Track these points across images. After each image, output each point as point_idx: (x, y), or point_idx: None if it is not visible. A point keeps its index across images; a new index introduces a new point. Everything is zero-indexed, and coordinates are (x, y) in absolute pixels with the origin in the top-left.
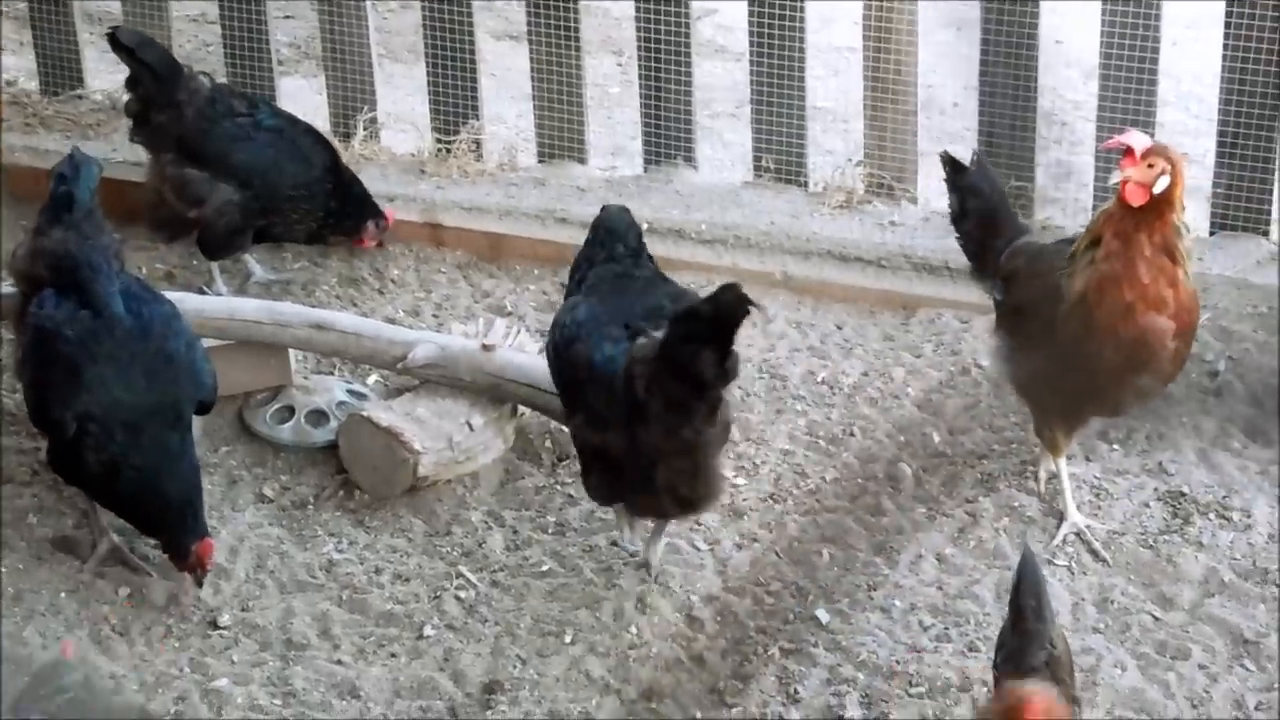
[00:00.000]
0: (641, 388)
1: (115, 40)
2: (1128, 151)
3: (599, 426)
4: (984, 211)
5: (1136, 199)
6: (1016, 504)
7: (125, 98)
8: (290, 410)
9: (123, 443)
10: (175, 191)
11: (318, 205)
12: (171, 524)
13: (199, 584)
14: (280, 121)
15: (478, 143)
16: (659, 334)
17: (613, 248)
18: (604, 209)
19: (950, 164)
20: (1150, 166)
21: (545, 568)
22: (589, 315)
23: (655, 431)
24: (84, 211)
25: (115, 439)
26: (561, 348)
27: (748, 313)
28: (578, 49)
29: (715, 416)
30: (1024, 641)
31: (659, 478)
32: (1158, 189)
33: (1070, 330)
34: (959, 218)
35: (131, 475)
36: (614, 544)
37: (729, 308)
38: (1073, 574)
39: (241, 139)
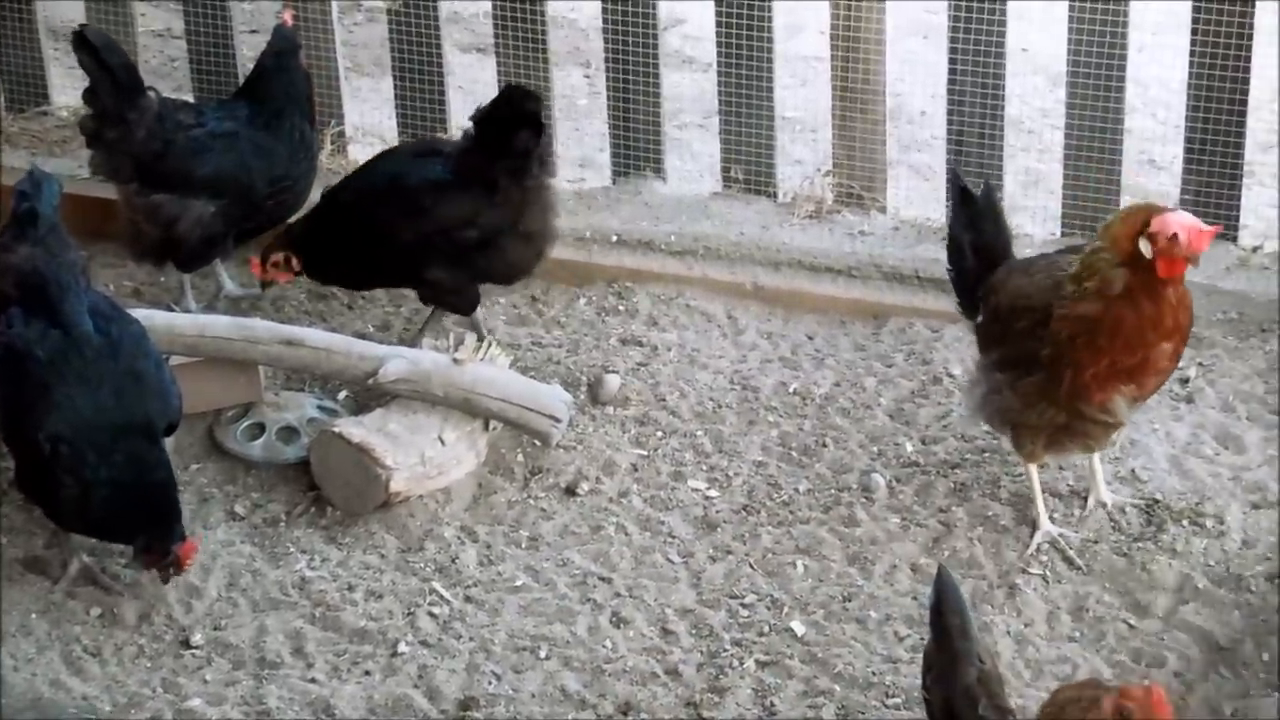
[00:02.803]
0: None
1: (81, 39)
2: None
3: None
4: (982, 249)
5: (1174, 272)
6: (990, 513)
7: (82, 114)
8: (261, 427)
9: (94, 463)
10: (148, 219)
11: (299, 189)
12: (150, 523)
13: (165, 580)
14: (232, 124)
15: None
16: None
17: None
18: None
19: (959, 190)
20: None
21: (519, 583)
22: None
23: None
24: (48, 226)
25: (87, 460)
26: (370, 202)
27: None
28: (545, 61)
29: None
30: (952, 660)
31: (525, 223)
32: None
33: (1069, 351)
34: (955, 250)
35: (104, 493)
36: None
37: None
38: (1047, 583)
39: (199, 152)
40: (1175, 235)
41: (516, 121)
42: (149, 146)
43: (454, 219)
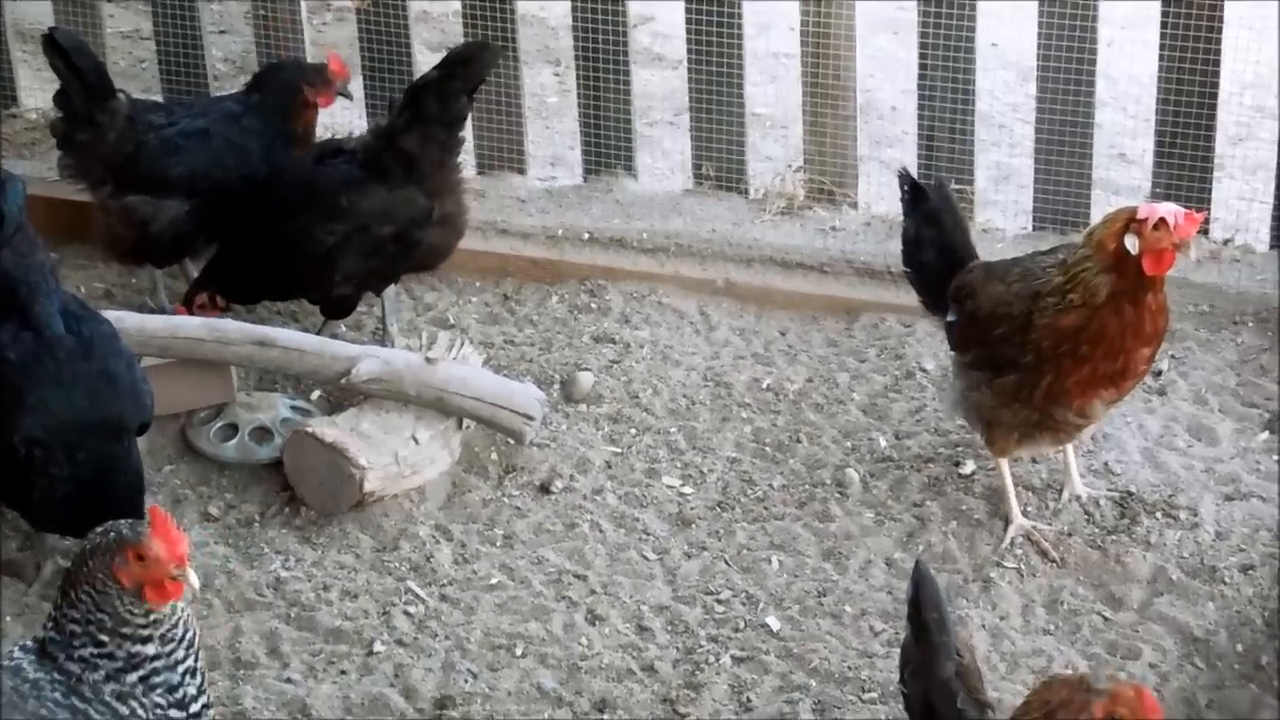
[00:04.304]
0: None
1: (52, 41)
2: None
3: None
4: (942, 243)
5: (1161, 268)
6: (964, 507)
7: (53, 115)
8: (234, 427)
9: (69, 464)
10: (123, 222)
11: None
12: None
13: None
14: (203, 121)
15: None
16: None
17: None
18: None
19: (911, 187)
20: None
21: (494, 581)
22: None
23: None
24: (14, 226)
25: (61, 462)
26: (286, 215)
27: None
28: (515, 59)
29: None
30: (930, 655)
31: (443, 206)
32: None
33: (1051, 359)
34: (914, 247)
35: (79, 491)
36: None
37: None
38: (1022, 576)
39: (171, 152)
40: (1163, 220)
41: (465, 85)
42: (120, 149)
43: (373, 213)
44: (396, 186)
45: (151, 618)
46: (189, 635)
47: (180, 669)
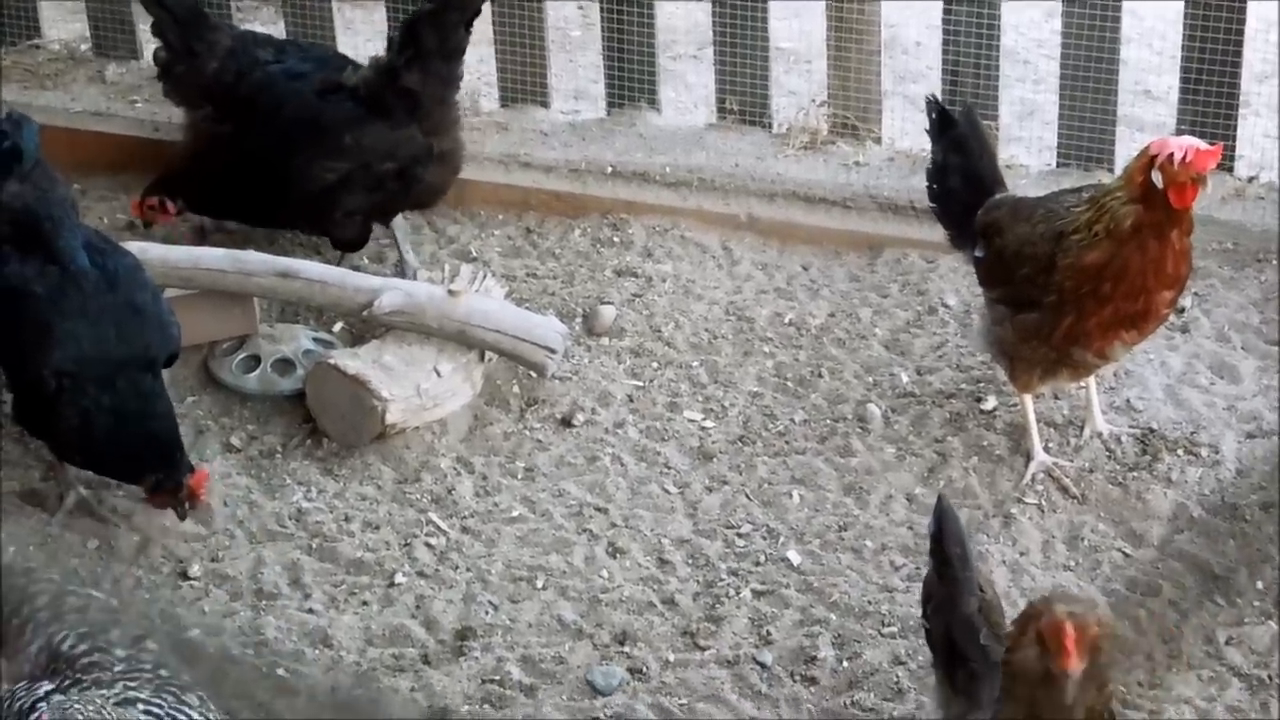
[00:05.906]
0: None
1: None
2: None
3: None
4: (968, 171)
5: (1185, 200)
6: (985, 443)
7: (154, 47)
8: (256, 359)
9: (99, 397)
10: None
11: None
12: (160, 462)
13: (182, 518)
14: (309, 65)
15: None
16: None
17: None
18: None
19: (939, 113)
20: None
21: (515, 513)
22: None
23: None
24: (32, 162)
25: (91, 394)
26: (284, 150)
27: None
28: None
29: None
30: (954, 590)
31: (440, 145)
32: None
33: (1072, 300)
34: (940, 173)
35: (111, 426)
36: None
37: None
38: (1043, 512)
39: (270, 88)
40: (1172, 155)
41: (461, 15)
42: (220, 78)
43: (376, 151)
44: (399, 125)
45: None
46: None
47: None
